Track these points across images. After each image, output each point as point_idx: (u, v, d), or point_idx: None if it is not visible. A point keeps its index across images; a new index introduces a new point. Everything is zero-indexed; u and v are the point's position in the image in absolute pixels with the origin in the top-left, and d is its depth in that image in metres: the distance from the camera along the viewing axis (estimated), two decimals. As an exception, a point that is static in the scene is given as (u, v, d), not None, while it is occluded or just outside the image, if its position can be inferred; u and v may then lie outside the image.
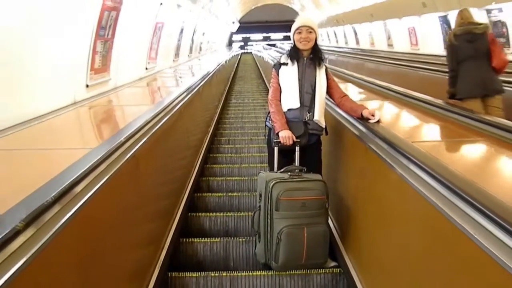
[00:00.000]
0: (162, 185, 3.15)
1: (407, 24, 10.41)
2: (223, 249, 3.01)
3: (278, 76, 2.95)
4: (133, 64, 5.47)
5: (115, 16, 4.11)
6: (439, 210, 1.52)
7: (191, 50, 10.99)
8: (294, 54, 2.92)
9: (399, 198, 2.01)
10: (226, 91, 10.54)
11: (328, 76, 2.98)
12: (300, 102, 2.87)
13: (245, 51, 28.58)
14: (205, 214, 3.52)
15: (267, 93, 3.07)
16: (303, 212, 2.58)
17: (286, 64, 2.93)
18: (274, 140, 2.86)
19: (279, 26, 30.47)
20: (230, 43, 31.30)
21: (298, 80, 2.88)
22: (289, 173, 2.67)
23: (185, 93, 4.27)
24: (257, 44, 31.11)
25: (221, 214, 3.50)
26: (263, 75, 13.23)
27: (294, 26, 2.92)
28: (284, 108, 2.90)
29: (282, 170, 2.72)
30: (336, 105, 3.08)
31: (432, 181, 1.63)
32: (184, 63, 9.43)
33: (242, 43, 34.43)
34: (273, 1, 28.47)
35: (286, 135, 2.79)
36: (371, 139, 2.45)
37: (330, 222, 2.96)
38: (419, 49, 10.08)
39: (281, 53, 3.13)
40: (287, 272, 2.64)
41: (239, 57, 22.26)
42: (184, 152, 4.24)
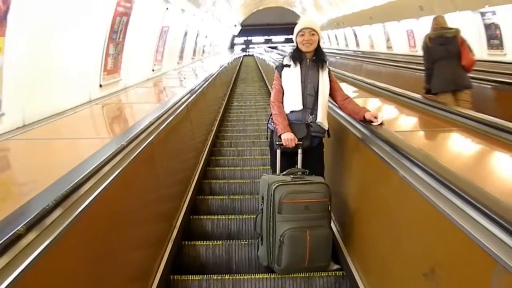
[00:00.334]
0: (165, 188, 3.15)
1: (406, 27, 10.44)
2: (226, 252, 3.00)
3: (281, 78, 2.93)
4: (141, 66, 5.73)
5: (126, 21, 4.40)
6: (442, 212, 1.52)
7: (195, 53, 11.28)
8: (297, 56, 2.90)
9: (402, 201, 2.01)
10: (228, 94, 10.55)
11: (331, 78, 2.96)
12: (303, 104, 2.86)
13: (247, 54, 28.61)
14: (208, 217, 3.51)
15: (269, 96, 3.06)
16: (306, 215, 2.56)
17: (289, 66, 2.91)
18: (277, 143, 2.85)
19: (281, 29, 30.58)
20: (232, 46, 31.35)
21: (301, 82, 2.87)
22: (292, 176, 2.65)
23: (189, 94, 4.37)
24: (259, 47, 31.17)
25: (224, 217, 3.49)
26: (265, 78, 13.23)
27: (297, 28, 2.90)
28: (287, 110, 2.88)
29: (285, 173, 2.70)
30: (339, 108, 3.08)
31: (436, 184, 1.63)
32: (188, 65, 9.64)
33: (244, 46, 34.51)
34: (275, 4, 28.52)
35: (289, 137, 2.77)
36: (374, 142, 2.44)
37: (333, 225, 2.96)
38: (417, 51, 10.10)
39: (283, 56, 3.12)
40: (290, 275, 2.63)
41: (241, 60, 22.27)
42: (187, 155, 4.24)
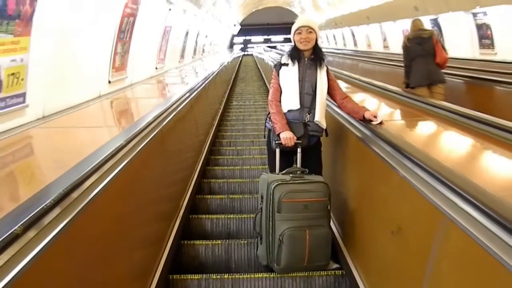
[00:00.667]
0: (164, 187, 3.15)
1: (402, 27, 10.48)
2: (225, 251, 2.99)
3: (279, 77, 2.91)
4: (145, 64, 6.07)
5: (132, 22, 4.77)
6: (442, 211, 1.51)
7: (195, 52, 11.53)
8: (295, 55, 2.89)
9: (402, 199, 2.00)
10: (228, 93, 10.55)
11: (329, 77, 2.95)
12: (300, 103, 2.84)
13: (246, 53, 28.61)
14: (207, 216, 3.50)
15: (268, 95, 3.06)
16: (305, 214, 2.55)
17: (287, 65, 2.89)
18: (276, 142, 2.84)
19: (280, 29, 30.58)
20: (231, 45, 31.34)
21: (299, 81, 2.85)
22: (291, 175, 2.64)
23: (189, 93, 4.51)
24: (258, 46, 31.18)
25: (223, 216, 3.49)
26: (264, 77, 13.23)
27: (294, 27, 2.88)
28: (284, 109, 2.87)
29: (284, 172, 2.69)
30: (338, 107, 3.07)
31: (435, 183, 1.62)
32: (189, 64, 9.91)
33: (243, 45, 34.48)
34: (274, 4, 28.51)
35: (288, 136, 2.76)
36: (374, 141, 2.44)
37: (332, 224, 2.95)
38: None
39: (282, 55, 3.11)
40: (289, 275, 2.62)
41: (240, 59, 22.26)
42: (186, 154, 4.24)
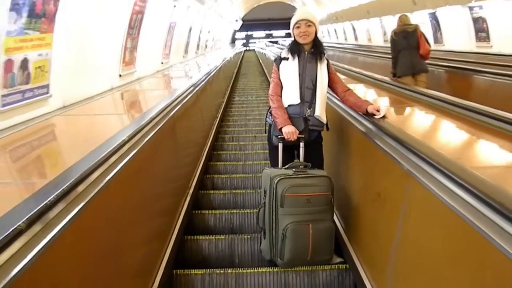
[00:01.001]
0: (167, 183, 3.15)
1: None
2: (228, 246, 3.00)
3: (279, 71, 2.89)
4: (152, 59, 6.35)
5: (140, 18, 5.04)
6: (446, 205, 1.51)
7: (198, 47, 11.72)
8: (295, 49, 2.85)
9: (405, 193, 1.99)
10: (230, 88, 10.54)
11: (330, 71, 2.91)
12: (301, 98, 2.81)
13: (248, 49, 28.58)
14: (210, 212, 3.51)
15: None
16: (309, 209, 2.55)
17: (287, 59, 2.86)
18: (278, 136, 2.82)
19: (281, 24, 30.39)
20: (233, 41, 31.29)
21: (299, 75, 2.82)
22: (294, 169, 2.63)
23: (192, 87, 4.60)
24: (260, 42, 31.06)
25: (226, 211, 3.49)
26: (266, 72, 13.20)
27: (293, 20, 2.84)
28: (285, 104, 2.84)
29: (287, 166, 2.68)
30: (340, 100, 3.05)
31: (441, 177, 1.61)
32: (192, 59, 10.15)
33: (245, 41, 34.43)
34: (275, -1, 28.46)
35: (290, 131, 2.75)
36: (377, 135, 2.43)
37: (336, 218, 2.95)
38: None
39: (283, 49, 3.08)
40: (293, 269, 2.62)
41: (242, 54, 22.21)
42: (189, 150, 4.24)
